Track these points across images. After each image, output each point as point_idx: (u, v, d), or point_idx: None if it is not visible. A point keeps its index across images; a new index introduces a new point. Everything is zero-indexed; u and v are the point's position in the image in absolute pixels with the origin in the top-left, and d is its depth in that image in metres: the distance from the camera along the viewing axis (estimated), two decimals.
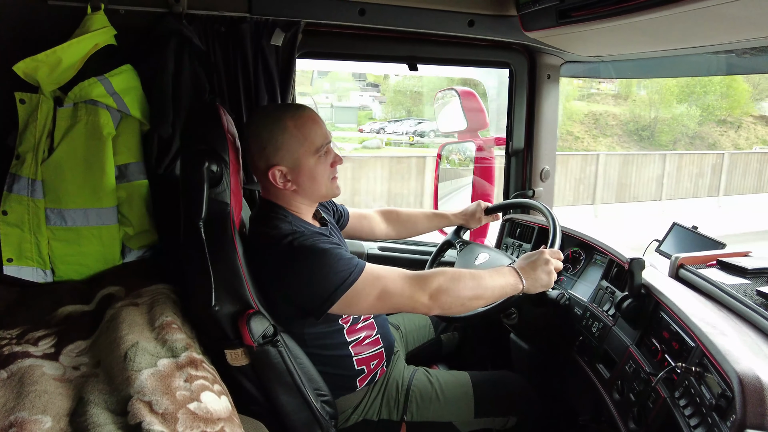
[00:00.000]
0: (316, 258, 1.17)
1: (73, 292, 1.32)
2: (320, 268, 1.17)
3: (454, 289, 1.20)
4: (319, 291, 1.17)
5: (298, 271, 1.18)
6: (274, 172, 1.23)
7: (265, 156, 1.23)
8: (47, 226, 1.37)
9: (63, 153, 1.36)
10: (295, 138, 1.23)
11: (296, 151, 1.23)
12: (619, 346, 1.31)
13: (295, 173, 1.25)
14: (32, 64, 1.30)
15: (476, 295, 1.22)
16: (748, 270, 1.29)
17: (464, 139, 2.31)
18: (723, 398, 0.92)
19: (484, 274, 1.25)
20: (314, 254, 1.17)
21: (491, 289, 1.24)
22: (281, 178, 1.24)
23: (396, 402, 1.39)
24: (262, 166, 1.25)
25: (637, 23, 1.28)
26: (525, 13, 1.63)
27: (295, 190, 1.27)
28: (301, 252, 1.18)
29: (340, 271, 1.16)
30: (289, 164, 1.24)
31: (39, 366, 0.96)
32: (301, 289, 1.19)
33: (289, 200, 1.30)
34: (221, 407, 0.93)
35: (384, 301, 1.19)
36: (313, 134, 1.25)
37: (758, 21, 1.14)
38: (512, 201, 1.90)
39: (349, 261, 1.18)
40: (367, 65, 5.37)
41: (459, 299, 1.21)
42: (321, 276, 1.16)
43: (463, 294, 1.21)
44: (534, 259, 1.30)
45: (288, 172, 1.24)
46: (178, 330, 1.09)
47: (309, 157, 1.25)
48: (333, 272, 1.16)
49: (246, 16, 1.57)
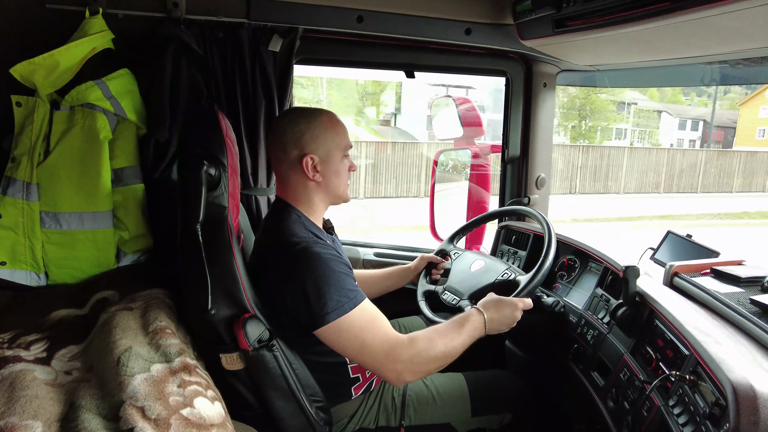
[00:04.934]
0: (326, 270, 1.18)
1: (66, 296, 1.31)
2: (325, 282, 1.18)
3: (425, 354, 1.20)
4: (317, 306, 1.17)
5: (305, 278, 1.18)
6: (307, 160, 1.28)
7: (301, 144, 1.28)
8: (42, 230, 1.36)
9: (59, 156, 1.35)
10: (329, 132, 1.30)
11: (329, 144, 1.30)
12: (614, 354, 1.31)
13: (324, 165, 1.30)
14: (29, 67, 1.30)
15: (446, 354, 1.23)
16: (742, 278, 1.30)
17: (460, 146, 2.32)
18: (717, 406, 0.92)
19: (452, 329, 1.26)
20: (325, 266, 1.19)
21: (461, 344, 1.25)
22: (312, 167, 1.29)
23: (393, 408, 1.39)
24: (295, 154, 1.29)
25: (632, 33, 1.30)
26: (522, 21, 1.64)
27: (319, 182, 1.31)
28: (313, 260, 1.19)
29: (348, 289, 1.19)
30: (321, 155, 1.29)
31: (30, 371, 0.95)
32: (301, 297, 1.19)
33: (308, 195, 1.33)
34: (214, 413, 0.93)
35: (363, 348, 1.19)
36: (343, 134, 1.33)
37: (751, 32, 1.16)
38: (467, 223, 1.86)
39: (354, 290, 1.21)
40: (365, 72, 5.39)
41: (431, 364, 1.22)
42: (324, 290, 1.17)
43: (434, 354, 1.21)
44: (502, 303, 1.33)
45: (319, 163, 1.29)
46: (172, 335, 1.08)
47: (338, 152, 1.32)
48: (336, 291, 1.17)
49: (244, 22, 1.58)
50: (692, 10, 1.07)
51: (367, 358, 1.19)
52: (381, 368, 1.20)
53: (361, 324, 1.19)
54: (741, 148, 29.04)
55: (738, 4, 0.98)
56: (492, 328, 1.30)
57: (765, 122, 30.78)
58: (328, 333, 1.18)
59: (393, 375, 1.20)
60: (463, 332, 1.26)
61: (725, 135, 32.97)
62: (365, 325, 1.19)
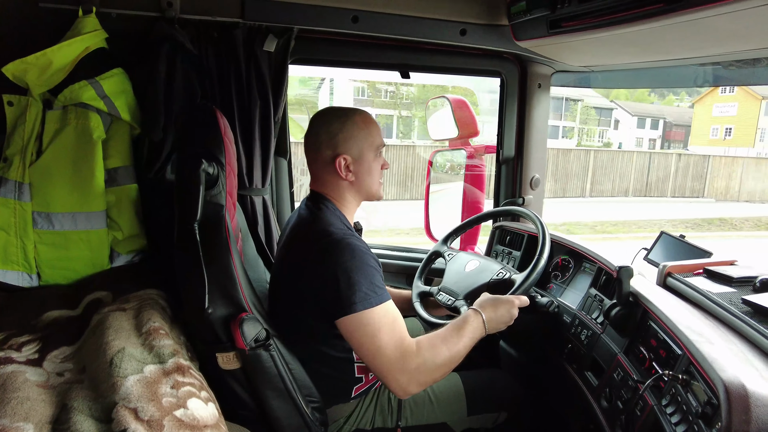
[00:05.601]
0: (360, 262, 1.19)
1: (59, 297, 1.30)
2: (358, 273, 1.18)
3: (431, 362, 1.20)
4: (346, 293, 1.17)
5: (339, 265, 1.19)
6: (340, 161, 1.30)
7: (334, 144, 1.30)
8: (34, 230, 1.35)
9: (52, 156, 1.35)
10: (362, 131, 1.31)
11: (362, 143, 1.31)
12: (608, 354, 1.32)
13: (357, 164, 1.32)
14: (21, 66, 1.29)
15: (452, 360, 1.23)
16: (734, 279, 1.31)
17: (455, 146, 2.32)
18: (709, 406, 0.93)
19: (453, 334, 1.25)
20: (360, 259, 1.20)
21: (464, 347, 1.25)
22: (345, 167, 1.30)
23: (390, 409, 1.39)
24: (329, 154, 1.30)
25: (626, 34, 1.30)
26: (516, 22, 1.64)
27: (352, 181, 1.33)
28: (350, 250, 1.20)
29: (377, 285, 1.20)
30: (354, 154, 1.31)
31: (22, 372, 0.95)
32: (332, 282, 1.19)
33: (342, 192, 1.34)
34: (208, 414, 0.92)
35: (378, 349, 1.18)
36: (376, 133, 1.34)
37: (744, 34, 1.17)
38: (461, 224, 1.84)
39: (382, 287, 1.21)
40: (360, 72, 5.40)
41: (436, 372, 1.22)
42: (355, 280, 1.18)
43: (440, 362, 1.21)
44: (499, 301, 1.33)
45: (351, 162, 1.31)
46: (165, 336, 1.08)
47: (371, 151, 1.33)
48: (366, 284, 1.18)
49: (239, 22, 1.57)
50: (686, 11, 1.07)
51: (377, 360, 1.19)
52: (387, 376, 1.19)
53: (382, 322, 1.18)
54: (696, 148, 28.57)
55: (731, 5, 0.99)
56: (491, 328, 1.30)
57: (718, 121, 30.39)
58: (349, 323, 1.18)
59: (397, 386, 1.19)
60: (464, 335, 1.26)
61: (685, 134, 32.55)
62: (385, 325, 1.18)
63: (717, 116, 30.36)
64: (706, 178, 16.88)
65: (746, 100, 28.68)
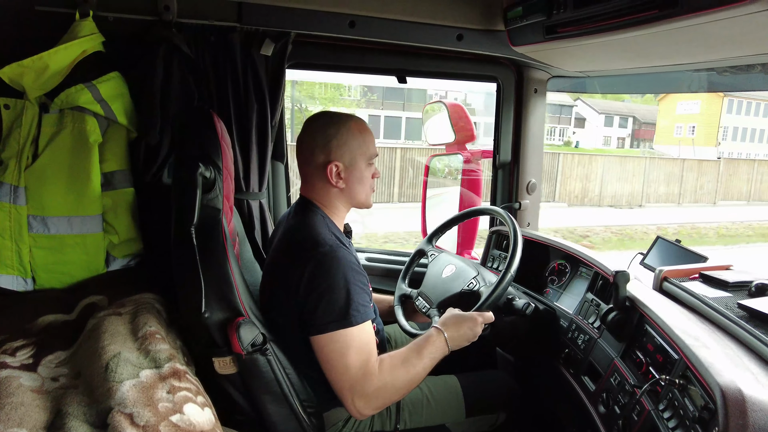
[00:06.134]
0: (343, 279, 1.19)
1: (54, 301, 1.29)
2: (339, 291, 1.18)
3: (391, 386, 1.20)
4: (323, 312, 1.18)
5: (322, 281, 1.19)
6: (332, 167, 1.29)
7: (328, 150, 1.30)
8: (29, 234, 1.34)
9: (48, 160, 1.34)
10: (356, 140, 1.31)
11: (355, 152, 1.31)
12: (605, 359, 1.32)
13: (349, 172, 1.32)
14: (18, 69, 1.29)
15: (411, 382, 1.23)
16: (730, 283, 1.32)
17: (452, 151, 2.33)
18: (706, 410, 0.93)
19: (413, 356, 1.25)
20: (344, 275, 1.19)
21: (423, 368, 1.25)
22: (336, 174, 1.30)
23: (388, 413, 1.38)
24: (321, 159, 1.30)
25: (622, 40, 1.31)
26: (513, 28, 1.65)
27: (342, 188, 1.33)
28: (335, 267, 1.19)
29: (359, 303, 1.19)
30: (346, 162, 1.31)
31: (16, 377, 0.94)
32: (314, 298, 1.19)
33: (331, 199, 1.34)
34: (204, 419, 0.92)
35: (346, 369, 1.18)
36: (370, 141, 1.35)
37: (738, 40, 1.18)
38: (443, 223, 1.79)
39: (364, 306, 1.21)
40: (357, 76, 5.40)
41: (394, 395, 1.23)
42: (335, 298, 1.18)
43: (399, 386, 1.21)
44: (462, 319, 1.32)
45: (343, 170, 1.31)
46: (161, 340, 1.07)
47: (363, 160, 1.33)
48: (346, 303, 1.18)
49: (236, 26, 1.57)
50: (681, 18, 1.08)
51: (340, 379, 1.19)
52: (345, 396, 1.19)
53: (353, 343, 1.18)
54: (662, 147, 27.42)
55: (726, 12, 1.00)
56: (454, 346, 1.29)
57: (683, 119, 29.55)
58: (320, 341, 1.18)
59: (353, 408, 1.19)
60: (425, 356, 1.25)
61: (655, 132, 31.64)
62: (354, 346, 1.18)
63: (681, 114, 29.55)
64: (556, 179, 14.81)
65: (709, 97, 28.04)
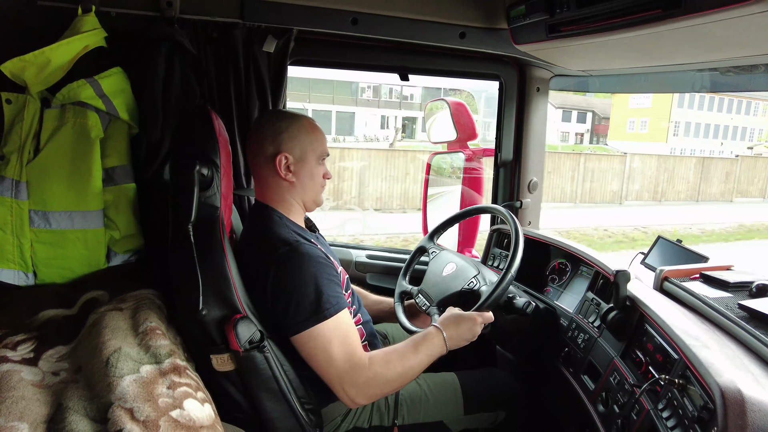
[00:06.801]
0: (308, 275, 1.19)
1: (55, 296, 1.29)
2: (306, 288, 1.18)
3: (382, 377, 1.21)
4: (294, 312, 1.18)
5: (287, 282, 1.19)
6: (281, 158, 1.29)
7: (278, 142, 1.30)
8: (31, 229, 1.34)
9: (49, 154, 1.34)
10: (308, 136, 1.32)
11: (306, 147, 1.32)
12: (604, 358, 1.32)
13: (299, 166, 1.31)
14: (20, 64, 1.29)
15: (403, 376, 1.23)
16: (731, 283, 1.32)
17: (453, 149, 2.32)
18: (705, 410, 0.93)
19: (410, 350, 1.25)
20: (308, 271, 1.20)
21: (418, 364, 1.25)
22: (285, 166, 1.30)
23: (386, 408, 1.39)
24: (270, 151, 1.30)
25: (624, 39, 1.31)
26: (515, 26, 1.65)
27: (292, 182, 1.32)
28: (297, 264, 1.20)
29: (330, 295, 1.19)
30: (296, 155, 1.31)
31: (17, 371, 0.94)
32: (282, 301, 1.20)
33: (283, 195, 1.33)
34: (204, 415, 0.92)
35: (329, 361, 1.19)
36: (321, 140, 1.35)
37: (741, 41, 1.17)
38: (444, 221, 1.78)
39: (335, 297, 1.21)
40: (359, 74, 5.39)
41: (386, 386, 1.23)
42: (303, 296, 1.18)
43: (391, 377, 1.22)
44: (461, 318, 1.32)
45: (293, 163, 1.30)
46: (162, 336, 1.08)
47: (313, 156, 1.33)
48: (316, 298, 1.18)
49: (238, 23, 1.57)
50: (684, 17, 1.08)
51: (327, 371, 1.19)
52: (336, 386, 1.20)
53: (332, 335, 1.18)
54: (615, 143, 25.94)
55: (729, 12, 1.00)
56: (452, 345, 1.29)
57: (635, 113, 28.43)
58: (300, 340, 1.19)
59: (345, 397, 1.20)
60: (421, 352, 1.25)
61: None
62: (336, 337, 1.19)
63: (633, 108, 28.51)
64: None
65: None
